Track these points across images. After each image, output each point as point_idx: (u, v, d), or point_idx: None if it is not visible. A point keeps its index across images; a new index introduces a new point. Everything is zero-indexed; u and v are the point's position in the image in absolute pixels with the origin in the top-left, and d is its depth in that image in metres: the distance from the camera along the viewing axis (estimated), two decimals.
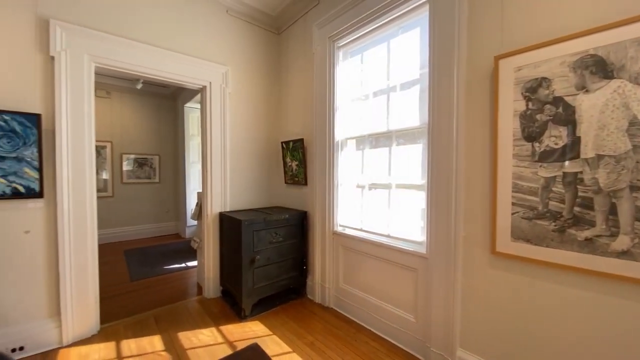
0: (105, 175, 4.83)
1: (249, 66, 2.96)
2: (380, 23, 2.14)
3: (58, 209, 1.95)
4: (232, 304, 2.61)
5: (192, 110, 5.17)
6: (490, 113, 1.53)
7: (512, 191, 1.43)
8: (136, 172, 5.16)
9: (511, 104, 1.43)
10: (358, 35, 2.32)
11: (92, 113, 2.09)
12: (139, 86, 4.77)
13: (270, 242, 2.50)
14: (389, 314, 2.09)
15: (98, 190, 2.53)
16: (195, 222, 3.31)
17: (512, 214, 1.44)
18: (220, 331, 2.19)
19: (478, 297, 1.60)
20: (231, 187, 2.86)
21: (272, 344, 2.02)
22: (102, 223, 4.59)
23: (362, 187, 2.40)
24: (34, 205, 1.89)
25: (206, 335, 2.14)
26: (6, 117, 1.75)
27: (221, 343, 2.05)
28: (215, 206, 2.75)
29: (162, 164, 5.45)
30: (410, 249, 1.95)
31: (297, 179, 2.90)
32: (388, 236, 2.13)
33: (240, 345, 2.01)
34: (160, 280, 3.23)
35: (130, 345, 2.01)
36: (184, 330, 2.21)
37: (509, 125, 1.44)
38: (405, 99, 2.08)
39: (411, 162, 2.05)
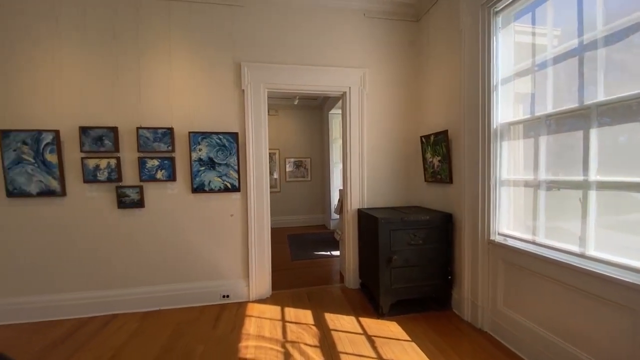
0: (275, 175, 6.22)
1: (385, 64, 2.93)
2: None
3: (248, 199, 2.67)
4: (369, 298, 2.68)
5: (335, 116, 5.74)
6: None
7: None
8: (295, 173, 6.33)
9: None
10: None
11: (266, 128, 2.72)
12: (296, 102, 5.79)
13: (408, 244, 2.38)
14: None
15: (270, 187, 3.27)
16: (338, 216, 3.66)
17: None
18: (359, 322, 2.30)
19: None
20: (368, 185, 2.94)
21: (413, 353, 1.91)
22: (272, 212, 5.93)
23: (536, 186, 1.83)
24: (235, 197, 2.68)
25: (347, 322, 2.31)
26: (220, 137, 2.58)
27: (359, 333, 2.14)
28: (354, 202, 2.92)
29: (312, 165, 6.39)
30: (625, 278, 1.30)
31: (439, 176, 2.60)
32: (581, 256, 1.52)
33: (379, 342, 2.03)
34: (312, 263, 3.79)
35: (290, 312, 2.47)
36: (328, 312, 2.47)
37: None
38: (616, 57, 1.40)
39: (624, 149, 1.36)
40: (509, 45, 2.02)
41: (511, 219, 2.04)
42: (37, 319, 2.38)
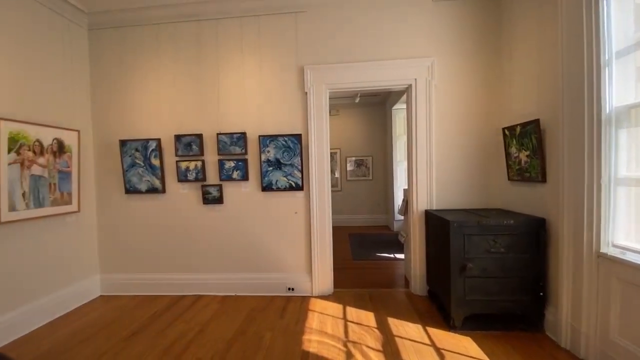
0: (337, 174, 6.28)
1: (457, 50, 2.65)
2: None
3: (310, 198, 2.76)
4: (438, 307, 2.47)
5: (398, 112, 5.48)
6: None
7: None
8: (356, 172, 6.28)
9: None
10: None
11: (327, 128, 2.77)
12: (357, 100, 5.73)
13: (487, 251, 2.10)
14: None
15: (331, 186, 3.32)
16: (402, 217, 3.48)
17: None
18: (427, 332, 2.14)
19: None
20: (438, 184, 2.71)
21: None
22: (333, 210, 6.01)
23: None
24: (299, 195, 2.80)
25: (412, 330, 2.18)
26: (285, 139, 2.73)
27: (427, 344, 1.99)
28: (421, 203, 2.72)
29: (374, 163, 6.24)
30: None
31: (527, 174, 2.23)
32: None
33: (449, 357, 1.85)
34: (373, 264, 3.71)
35: (352, 312, 2.46)
36: (392, 317, 2.37)
37: None
38: None
39: None
40: (627, 7, 1.58)
41: (632, 228, 1.60)
42: (145, 292, 2.94)
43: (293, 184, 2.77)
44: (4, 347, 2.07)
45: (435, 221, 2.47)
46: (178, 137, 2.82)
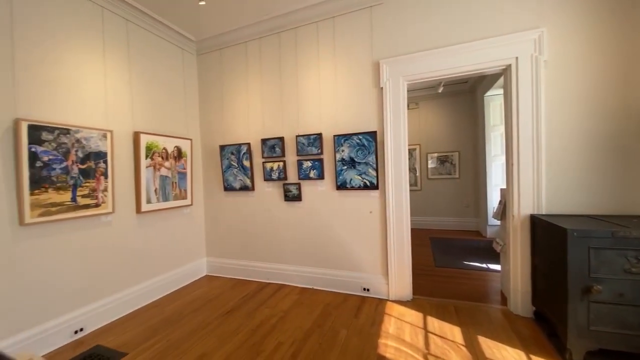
0: (417, 173, 5.86)
1: (577, 13, 2.09)
2: None
3: (386, 197, 2.65)
4: (549, 334, 2.01)
5: (493, 99, 4.71)
6: None
7: None
8: (438, 169, 5.72)
9: None
10: None
11: (405, 123, 2.60)
12: (440, 90, 5.20)
13: (625, 271, 1.59)
14: None
15: (410, 185, 3.10)
16: (498, 222, 2.98)
17: None
18: None
19: None
20: (549, 183, 2.21)
21: None
22: (412, 211, 5.62)
23: None
24: (374, 195, 2.73)
25: (512, 356, 1.83)
26: (360, 137, 2.69)
27: None
28: (525, 206, 2.27)
29: (461, 159, 5.55)
30: None
31: None
32: None
33: None
34: (460, 273, 3.30)
35: (434, 323, 2.25)
36: (485, 336, 2.05)
37: None
38: None
39: None
40: None
41: None
42: (238, 276, 3.39)
43: (367, 183, 2.72)
44: (137, 310, 2.72)
45: (545, 229, 2.02)
46: (264, 141, 3.14)
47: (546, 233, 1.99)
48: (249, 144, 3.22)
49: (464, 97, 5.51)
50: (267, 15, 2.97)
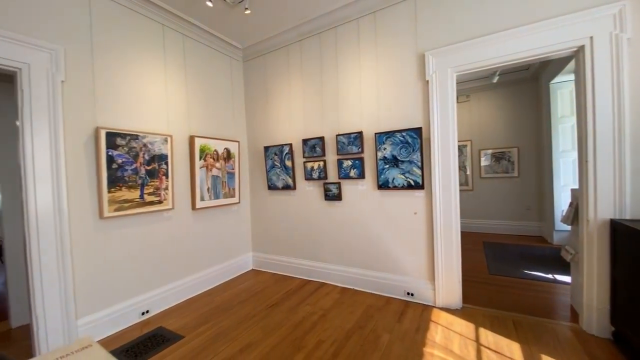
0: (468, 171, 5.41)
1: None
2: None
3: (433, 198, 2.49)
4: (631, 358, 1.69)
5: (560, 86, 4.12)
6: None
7: None
8: (493, 167, 5.20)
9: None
10: None
11: (455, 118, 2.41)
12: (496, 79, 4.72)
13: None
14: None
15: (460, 184, 2.87)
16: (568, 227, 2.59)
17: None
18: None
19: None
20: (635, 183, 1.85)
21: None
22: (462, 213, 5.21)
23: None
24: (419, 195, 2.59)
25: None
26: (403, 134, 2.58)
27: None
28: (603, 210, 1.94)
29: (521, 156, 4.97)
30: None
31: None
32: None
33: None
34: (519, 283, 2.96)
35: (487, 336, 2.05)
36: (551, 356, 1.81)
37: None
38: None
39: None
40: None
41: None
42: (281, 272, 3.50)
43: (412, 182, 2.59)
44: (192, 298, 2.97)
45: (630, 236, 1.70)
46: (305, 141, 3.19)
47: (632, 241, 1.67)
48: (290, 145, 3.31)
49: (524, 86, 4.92)
50: (307, 18, 3.01)
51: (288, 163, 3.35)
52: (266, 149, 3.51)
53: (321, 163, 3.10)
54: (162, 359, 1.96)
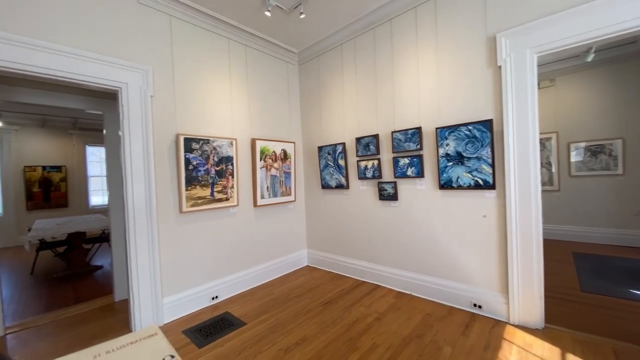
0: (553, 168, 4.62)
1: None
2: None
3: (506, 199, 2.19)
4: None
5: None
6: None
7: None
8: (587, 163, 4.32)
9: None
10: None
11: (535, 106, 2.08)
12: (590, 58, 3.91)
13: None
14: None
15: (542, 184, 2.46)
16: None
17: None
18: None
19: None
20: None
21: None
22: (546, 217, 4.46)
23: None
24: (489, 195, 2.31)
25: None
26: (469, 127, 2.32)
27: None
28: None
29: (627, 149, 4.02)
30: None
31: None
32: None
33: None
34: (623, 305, 2.40)
35: None
36: None
37: None
38: None
39: None
40: None
41: None
42: (334, 270, 3.52)
43: (480, 181, 2.32)
44: (254, 288, 3.19)
45: None
46: (358, 140, 3.14)
47: None
48: (344, 144, 3.30)
49: (630, 63, 3.96)
50: (361, 14, 2.95)
51: (341, 162, 3.34)
52: (320, 148, 3.57)
53: (375, 161, 3.01)
54: (228, 341, 2.16)
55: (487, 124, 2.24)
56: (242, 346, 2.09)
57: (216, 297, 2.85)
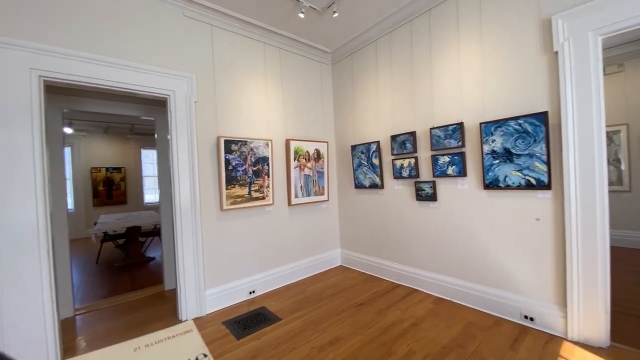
0: (622, 166, 4.04)
1: None
2: None
3: (565, 200, 1.96)
4: None
5: None
6: None
7: None
8: None
9: None
10: None
11: (601, 96, 1.82)
12: None
13: None
14: None
15: (610, 184, 2.16)
16: None
17: None
18: None
19: None
20: None
21: None
22: (614, 222, 3.91)
23: None
24: (543, 196, 2.08)
25: None
26: (520, 121, 2.12)
27: None
28: None
29: None
30: None
31: None
32: None
33: None
34: None
35: None
36: None
37: None
38: None
39: None
40: None
41: None
42: (368, 272, 3.46)
43: (532, 181, 2.10)
44: (288, 285, 3.25)
45: None
46: (393, 137, 3.05)
47: None
48: (378, 142, 3.22)
49: None
50: (398, 6, 2.85)
51: (375, 161, 3.27)
52: (353, 147, 3.53)
53: (412, 160, 2.89)
54: (264, 335, 2.23)
55: (541, 117, 2.02)
56: (277, 341, 2.15)
57: (253, 291, 2.97)
